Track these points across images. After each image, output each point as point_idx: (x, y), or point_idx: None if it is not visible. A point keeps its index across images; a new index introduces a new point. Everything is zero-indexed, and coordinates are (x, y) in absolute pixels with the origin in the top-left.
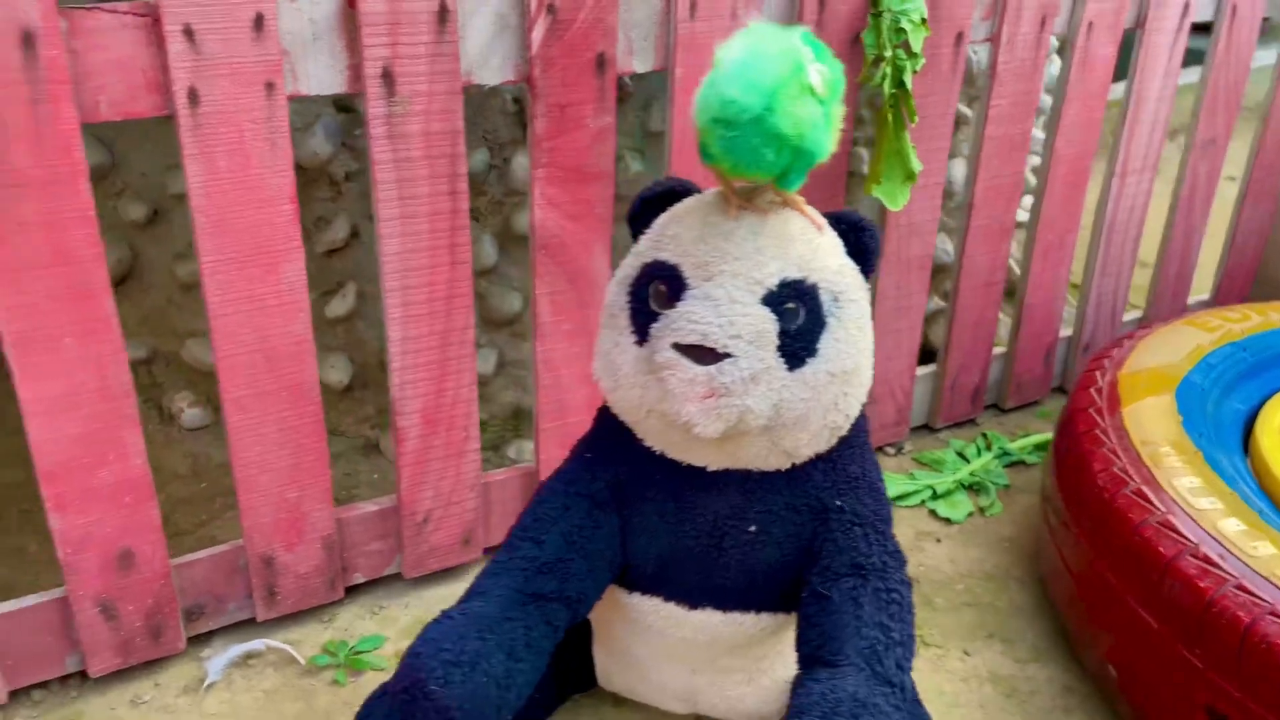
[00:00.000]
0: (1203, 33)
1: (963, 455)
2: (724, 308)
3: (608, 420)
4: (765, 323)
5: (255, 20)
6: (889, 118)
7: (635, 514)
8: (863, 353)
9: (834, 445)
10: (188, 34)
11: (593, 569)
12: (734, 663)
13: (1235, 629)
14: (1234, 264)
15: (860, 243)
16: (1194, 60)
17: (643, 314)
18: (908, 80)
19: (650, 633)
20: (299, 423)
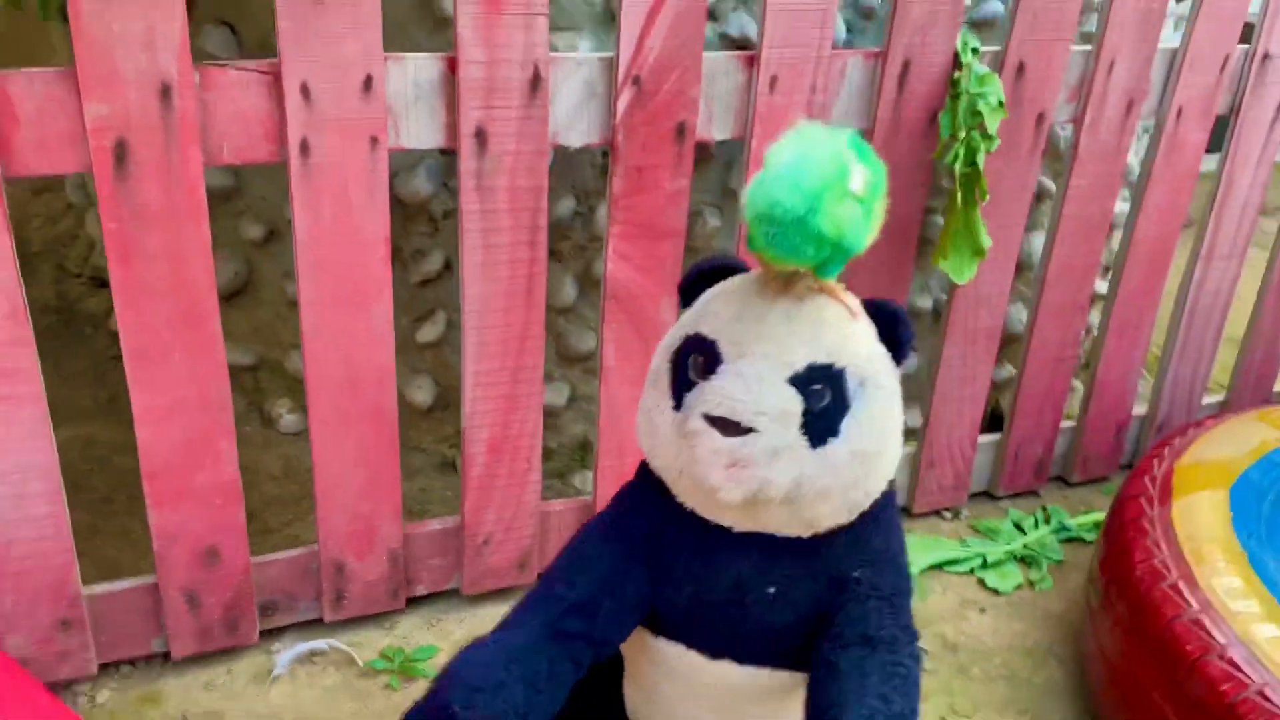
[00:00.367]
0: None
1: (1019, 526)
2: (753, 385)
3: (647, 474)
4: (790, 403)
5: (365, 82)
6: (959, 195)
7: (664, 565)
8: (886, 436)
9: (857, 518)
10: (304, 91)
11: (620, 613)
12: (755, 710)
13: None
14: None
15: (893, 332)
16: None
17: (681, 381)
18: (980, 161)
19: (675, 675)
20: (377, 444)
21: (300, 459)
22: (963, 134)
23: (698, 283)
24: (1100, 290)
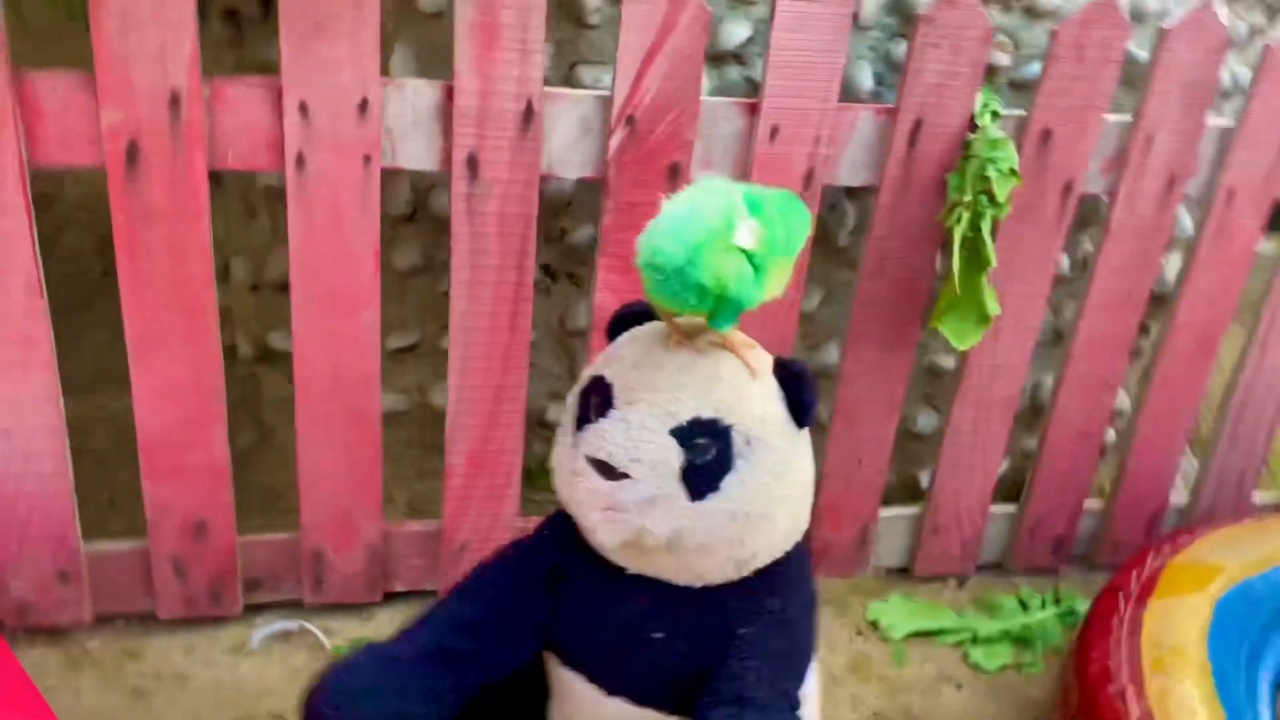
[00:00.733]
0: None
1: (1024, 604)
2: (634, 432)
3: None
4: (669, 453)
5: (361, 104)
6: (958, 259)
7: (565, 597)
8: (774, 499)
9: (753, 575)
10: (302, 109)
11: (513, 637)
12: None
13: None
14: None
15: (796, 394)
16: None
17: (582, 420)
18: (984, 227)
19: (580, 705)
20: (359, 445)
21: None
22: (968, 198)
23: (621, 325)
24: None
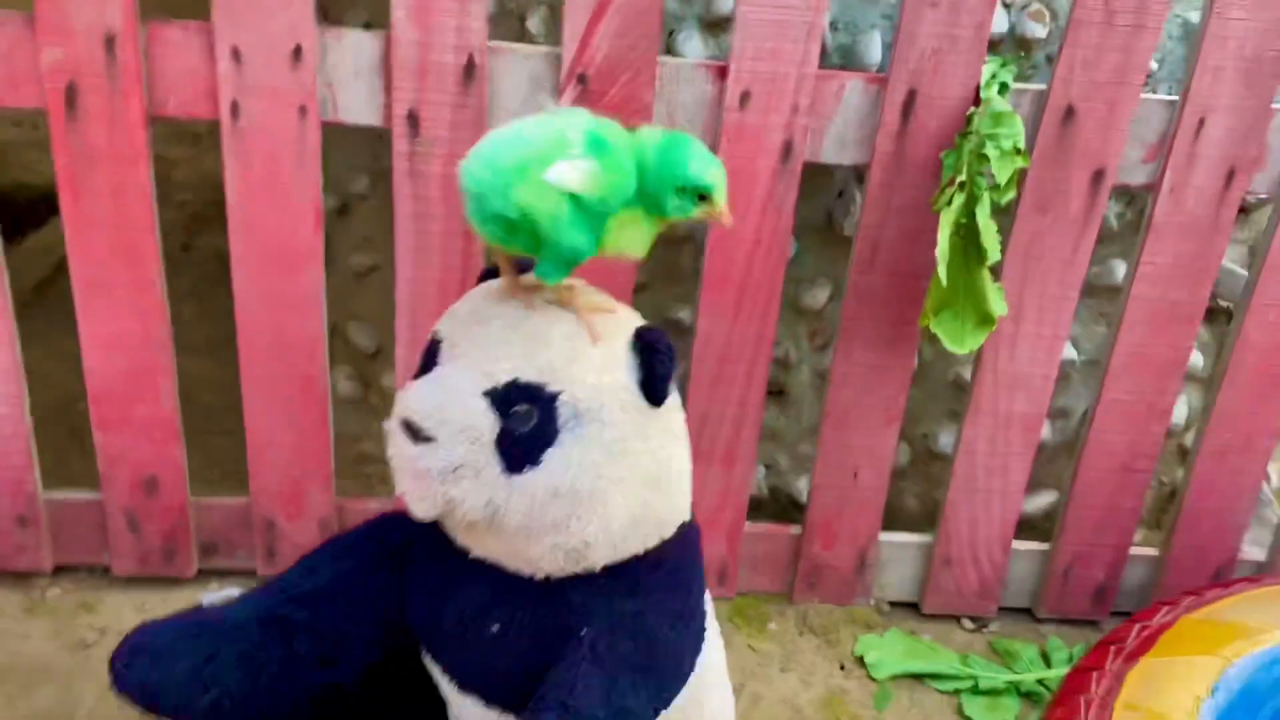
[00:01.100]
0: None
1: (1047, 657)
2: (443, 393)
3: None
4: (478, 417)
5: (294, 51)
6: (946, 247)
7: (413, 578)
8: (607, 480)
9: (603, 572)
10: (235, 55)
11: (355, 614)
12: None
13: None
14: None
15: (646, 365)
16: None
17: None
18: (980, 212)
19: (448, 700)
20: (305, 412)
21: (348, 425)
22: (963, 178)
23: (488, 278)
24: None
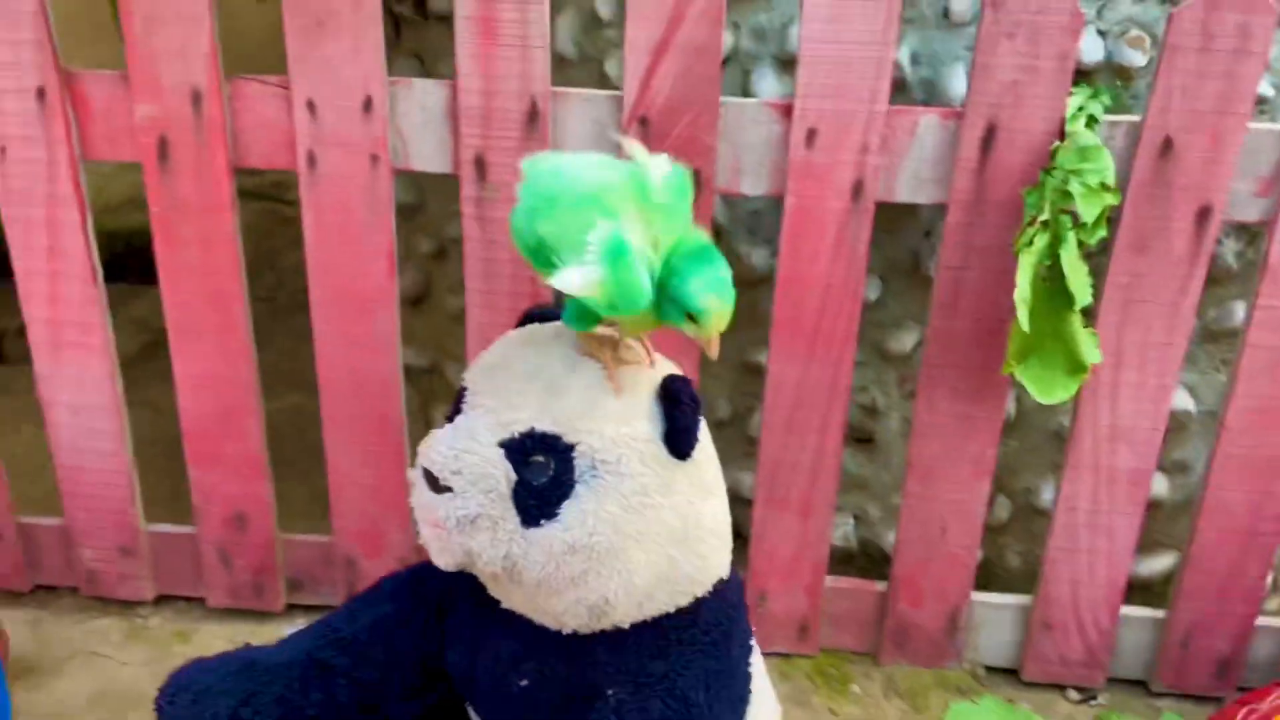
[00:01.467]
0: None
1: None
2: (461, 441)
3: None
4: (493, 467)
5: (365, 103)
6: (1034, 292)
7: (450, 626)
8: (625, 536)
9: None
10: (310, 107)
11: (397, 662)
12: None
13: None
14: None
15: (669, 416)
16: None
17: None
18: (1064, 253)
19: None
20: (382, 451)
21: None
22: (1045, 217)
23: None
24: None
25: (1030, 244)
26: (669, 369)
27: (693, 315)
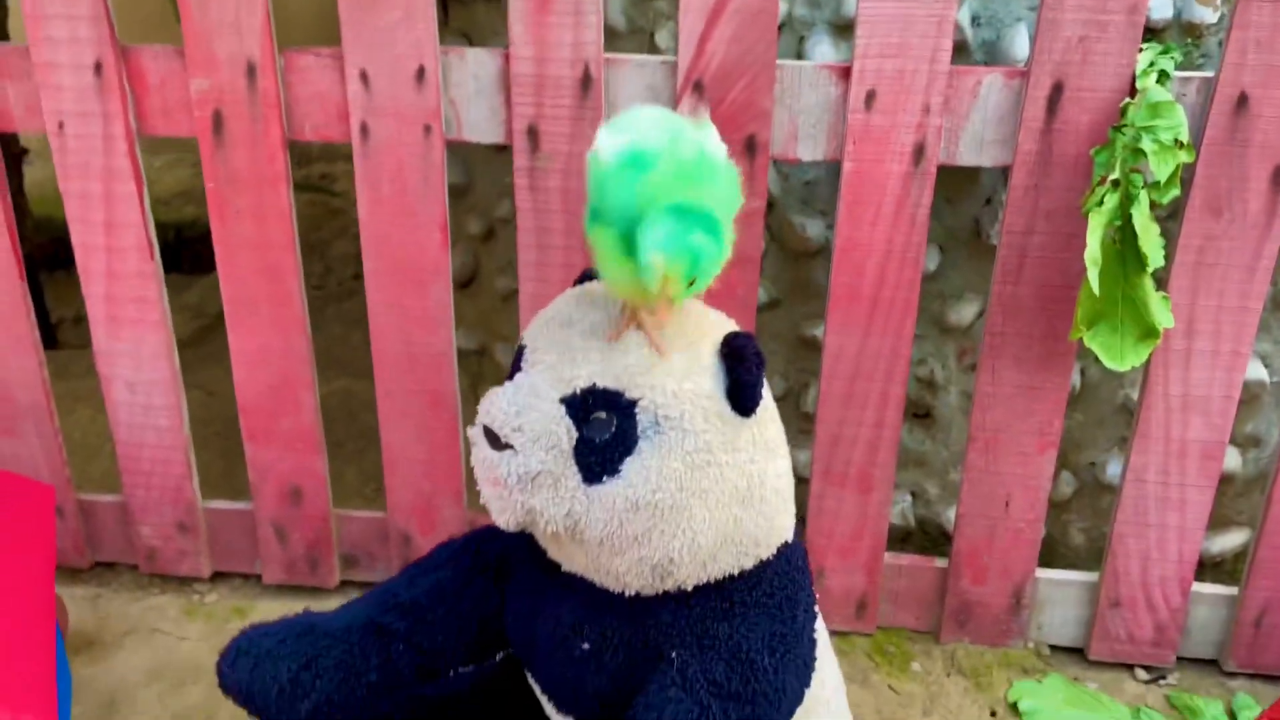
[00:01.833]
0: None
1: (1234, 715)
2: (521, 398)
3: None
4: (555, 424)
5: (418, 72)
6: (1105, 254)
7: (511, 590)
8: (689, 492)
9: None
10: (363, 78)
11: (456, 627)
12: None
13: None
14: None
15: (732, 373)
16: None
17: None
18: (1136, 213)
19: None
20: (436, 425)
21: None
22: (1115, 176)
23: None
24: None
25: (1100, 204)
26: (730, 326)
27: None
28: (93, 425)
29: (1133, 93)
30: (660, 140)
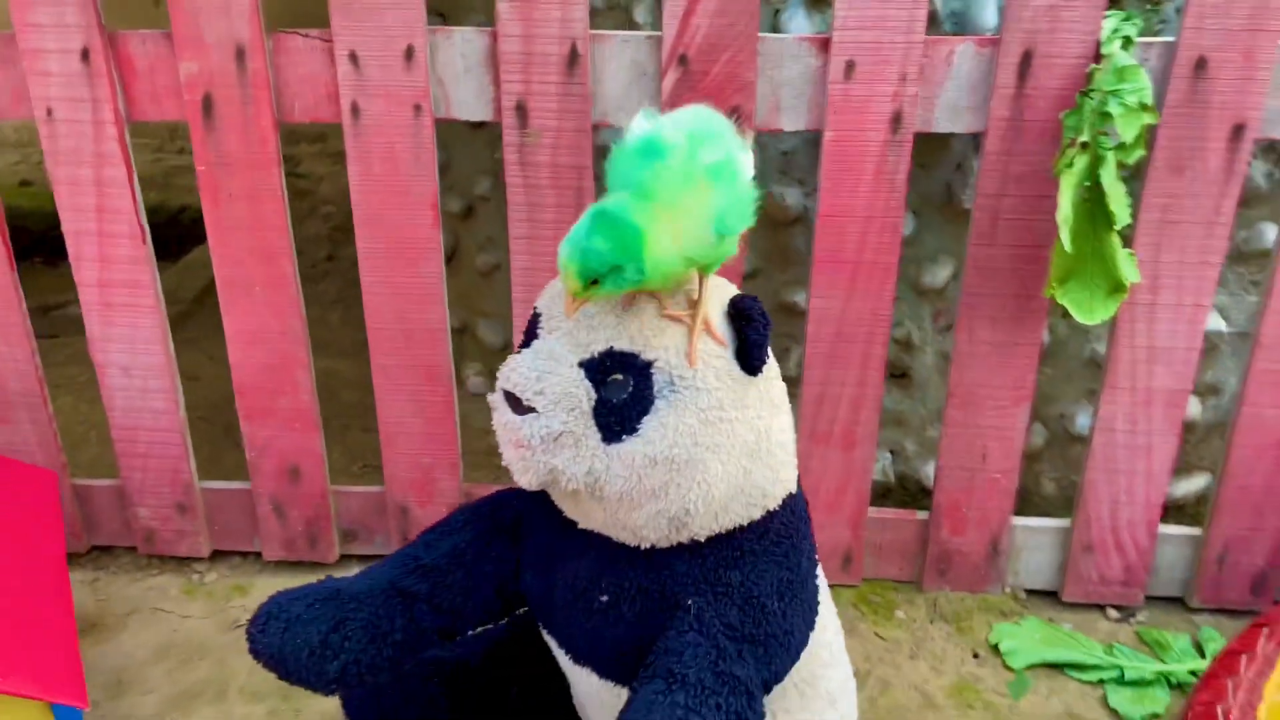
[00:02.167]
0: None
1: (1201, 648)
2: (541, 363)
3: None
4: (575, 386)
5: (407, 51)
6: (1075, 213)
7: (527, 550)
8: (703, 447)
9: (708, 541)
10: (353, 58)
11: (474, 587)
12: None
13: None
14: None
15: (740, 333)
16: None
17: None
18: (1104, 173)
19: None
20: (431, 400)
21: (474, 419)
22: (1084, 138)
23: None
24: None
25: (1070, 165)
26: (732, 289)
27: None
28: (75, 413)
29: (1099, 58)
30: (680, 137)
